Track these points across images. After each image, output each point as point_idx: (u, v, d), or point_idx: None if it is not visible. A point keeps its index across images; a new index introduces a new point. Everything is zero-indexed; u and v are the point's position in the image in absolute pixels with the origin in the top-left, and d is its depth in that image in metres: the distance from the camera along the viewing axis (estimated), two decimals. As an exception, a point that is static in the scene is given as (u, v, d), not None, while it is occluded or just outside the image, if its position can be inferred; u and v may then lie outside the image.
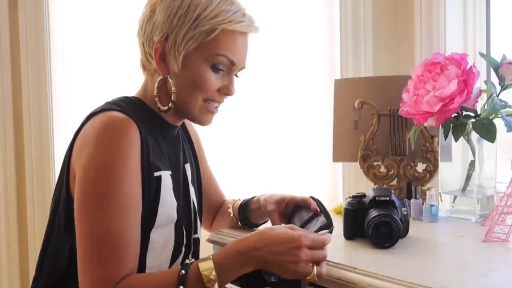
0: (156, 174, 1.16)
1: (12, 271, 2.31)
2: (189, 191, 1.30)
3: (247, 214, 1.39)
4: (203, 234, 1.38)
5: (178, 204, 1.21)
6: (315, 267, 1.06)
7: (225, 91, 1.22)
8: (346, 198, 1.33)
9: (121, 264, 1.07)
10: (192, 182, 1.32)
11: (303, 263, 1.05)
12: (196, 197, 1.33)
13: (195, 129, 1.47)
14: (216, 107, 1.24)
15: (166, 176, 1.19)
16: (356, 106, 1.61)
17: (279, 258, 1.05)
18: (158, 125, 1.23)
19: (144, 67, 1.25)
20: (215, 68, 1.19)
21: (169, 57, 1.18)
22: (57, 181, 1.21)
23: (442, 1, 1.91)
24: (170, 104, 1.20)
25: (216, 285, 1.06)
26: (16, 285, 2.31)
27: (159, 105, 1.20)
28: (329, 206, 1.58)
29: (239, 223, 1.41)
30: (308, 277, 1.06)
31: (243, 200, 1.41)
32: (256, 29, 1.23)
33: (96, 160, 1.09)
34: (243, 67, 1.25)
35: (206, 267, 1.06)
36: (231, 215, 1.41)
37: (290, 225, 1.13)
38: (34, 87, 2.23)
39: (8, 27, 2.26)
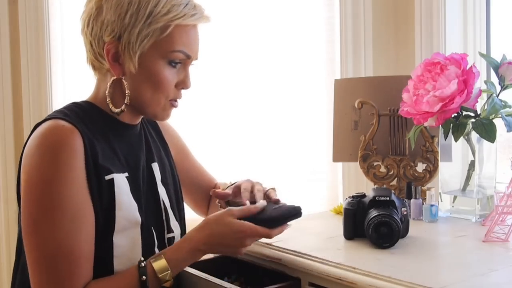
0: (108, 177, 1.13)
1: (12, 271, 2.31)
2: (157, 190, 1.26)
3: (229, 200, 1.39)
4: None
5: (140, 206, 1.18)
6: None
7: (182, 85, 1.20)
8: (346, 198, 1.33)
9: (77, 277, 1.07)
10: (162, 181, 1.29)
11: (246, 247, 1.17)
12: (169, 197, 1.30)
13: (172, 127, 1.44)
14: (176, 101, 1.22)
15: (120, 179, 1.15)
16: (356, 106, 1.61)
17: (227, 249, 1.17)
18: (113, 127, 1.20)
19: (94, 67, 1.22)
20: (171, 64, 1.17)
21: (123, 58, 1.15)
22: (17, 199, 1.19)
23: (442, 2, 1.91)
24: (122, 107, 1.17)
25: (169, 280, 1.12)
26: (16, 285, 2.31)
27: (110, 106, 1.17)
28: (329, 206, 1.59)
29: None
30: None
31: (233, 183, 1.40)
32: (207, 19, 1.20)
33: (38, 175, 1.07)
34: (197, 59, 1.23)
35: (161, 267, 1.12)
36: (217, 202, 1.40)
37: (228, 209, 1.17)
38: (34, 87, 2.23)
39: (8, 27, 2.26)
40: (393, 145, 1.60)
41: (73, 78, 2.24)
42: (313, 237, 1.36)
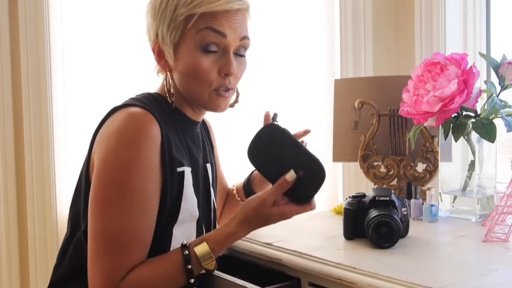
0: (179, 169, 1.18)
1: (12, 271, 2.31)
2: (210, 190, 1.32)
3: (252, 187, 1.46)
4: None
5: (198, 201, 1.23)
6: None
7: (225, 71, 1.21)
8: (346, 198, 1.33)
9: (130, 260, 1.11)
10: (212, 185, 1.34)
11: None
12: (215, 197, 1.36)
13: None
14: (226, 90, 1.23)
15: (188, 172, 1.21)
16: (356, 106, 1.61)
17: (265, 223, 1.18)
18: (181, 121, 1.25)
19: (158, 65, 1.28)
20: (206, 50, 1.18)
21: (165, 54, 1.22)
22: (79, 176, 1.24)
23: (442, 1, 1.91)
24: (172, 98, 1.23)
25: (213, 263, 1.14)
26: (16, 285, 2.31)
27: (171, 99, 1.23)
28: (329, 206, 1.59)
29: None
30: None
31: (244, 179, 1.49)
32: (240, 4, 1.20)
33: (115, 156, 1.11)
34: (245, 45, 1.24)
35: (203, 252, 1.14)
36: (237, 197, 1.48)
37: (262, 199, 1.15)
38: (34, 87, 2.23)
39: (8, 27, 2.26)
40: (393, 145, 1.60)
41: (73, 78, 2.24)
42: (313, 237, 1.36)
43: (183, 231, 1.20)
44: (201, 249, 1.14)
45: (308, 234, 1.38)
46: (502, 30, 1.95)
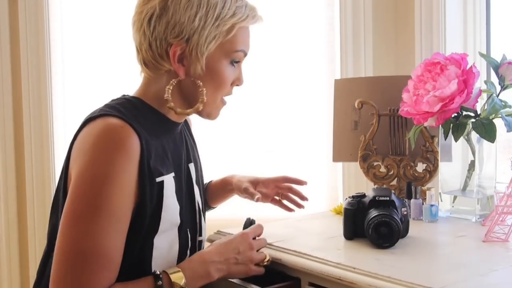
0: (158, 179, 1.13)
1: (12, 271, 2.31)
2: (193, 191, 1.28)
3: (206, 197, 1.47)
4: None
5: (181, 207, 1.20)
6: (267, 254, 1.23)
7: (237, 82, 1.23)
8: (346, 198, 1.33)
9: (100, 280, 1.05)
10: (196, 181, 1.30)
11: (255, 253, 1.21)
12: (201, 195, 1.32)
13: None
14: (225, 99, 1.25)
15: (169, 180, 1.16)
16: (356, 106, 1.61)
17: (236, 253, 1.19)
18: (162, 125, 1.20)
19: (147, 66, 1.19)
20: (232, 64, 1.20)
21: (189, 59, 1.15)
22: (56, 188, 1.19)
23: (442, 1, 1.91)
24: (198, 105, 1.18)
25: None
26: (16, 285, 2.31)
27: (176, 108, 1.17)
28: (329, 206, 1.59)
29: None
30: (265, 261, 1.22)
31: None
32: (262, 19, 1.24)
33: (91, 172, 1.06)
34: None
35: (177, 276, 1.12)
36: None
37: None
38: (34, 87, 2.23)
39: (8, 27, 2.26)
40: (393, 145, 1.60)
41: (73, 78, 2.24)
42: (313, 237, 1.36)
43: (165, 240, 1.16)
44: (176, 275, 1.12)
45: (308, 234, 1.38)
46: (502, 30, 1.95)
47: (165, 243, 1.16)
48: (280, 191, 1.49)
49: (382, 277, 1.04)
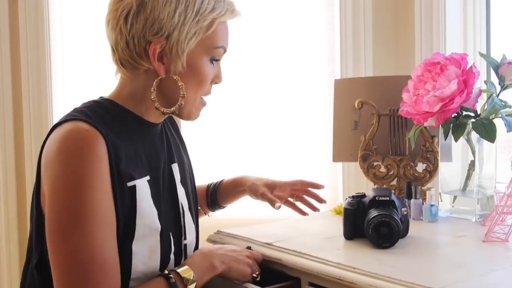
0: (130, 184, 1.08)
1: (12, 271, 2.31)
2: (176, 193, 1.22)
3: (217, 197, 1.45)
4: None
5: (159, 212, 1.14)
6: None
7: (216, 80, 1.19)
8: (346, 198, 1.33)
9: (107, 285, 1.03)
10: (182, 182, 1.24)
11: (247, 264, 1.22)
12: (188, 197, 1.26)
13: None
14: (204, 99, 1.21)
15: (142, 184, 1.11)
16: (356, 106, 1.61)
17: (232, 250, 1.23)
18: (137, 127, 1.15)
19: (123, 66, 1.15)
20: (213, 61, 1.16)
21: (169, 57, 1.11)
22: (31, 206, 1.14)
23: (442, 1, 1.91)
24: (180, 102, 1.13)
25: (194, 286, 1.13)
26: (16, 285, 2.31)
27: (161, 108, 1.13)
28: (329, 206, 1.59)
29: (207, 207, 1.47)
30: (256, 273, 1.23)
31: (209, 186, 1.46)
32: (240, 14, 1.19)
33: (63, 182, 1.02)
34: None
35: (185, 271, 1.13)
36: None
37: None
38: (34, 87, 2.23)
39: (8, 27, 2.26)
40: (393, 145, 1.60)
41: (73, 78, 2.24)
42: (313, 237, 1.36)
43: (144, 246, 1.11)
44: (183, 269, 1.13)
45: (308, 234, 1.38)
46: (502, 30, 1.95)
47: (145, 248, 1.11)
48: (295, 193, 1.47)
49: (382, 277, 1.04)
